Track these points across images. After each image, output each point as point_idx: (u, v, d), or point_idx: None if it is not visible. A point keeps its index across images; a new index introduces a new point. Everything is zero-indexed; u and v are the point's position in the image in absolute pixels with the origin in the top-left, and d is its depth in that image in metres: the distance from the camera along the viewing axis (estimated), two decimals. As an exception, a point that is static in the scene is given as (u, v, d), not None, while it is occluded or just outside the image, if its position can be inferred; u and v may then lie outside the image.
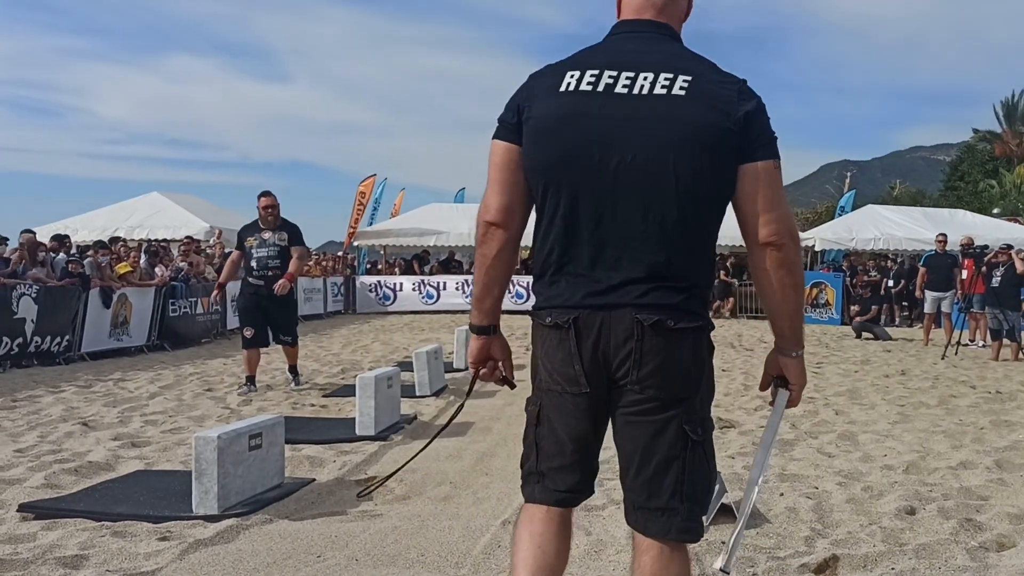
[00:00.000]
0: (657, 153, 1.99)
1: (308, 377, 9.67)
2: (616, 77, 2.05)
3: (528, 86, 2.17)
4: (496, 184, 2.16)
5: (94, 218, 20.47)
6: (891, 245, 21.76)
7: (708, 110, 2.00)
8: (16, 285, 10.43)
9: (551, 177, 2.08)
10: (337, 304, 21.89)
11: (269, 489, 4.60)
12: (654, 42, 2.13)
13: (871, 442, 6.12)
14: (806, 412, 7.30)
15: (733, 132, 2.00)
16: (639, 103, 2.02)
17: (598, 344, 2.05)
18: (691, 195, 2.01)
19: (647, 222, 2.02)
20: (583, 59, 2.13)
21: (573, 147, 2.04)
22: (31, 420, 6.81)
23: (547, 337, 2.15)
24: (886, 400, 8.12)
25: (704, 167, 2.00)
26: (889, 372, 10.38)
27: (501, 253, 2.18)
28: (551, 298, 2.12)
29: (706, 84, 2.03)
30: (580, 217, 2.06)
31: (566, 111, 2.06)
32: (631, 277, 2.03)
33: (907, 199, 45.13)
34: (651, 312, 2.01)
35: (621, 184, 2.02)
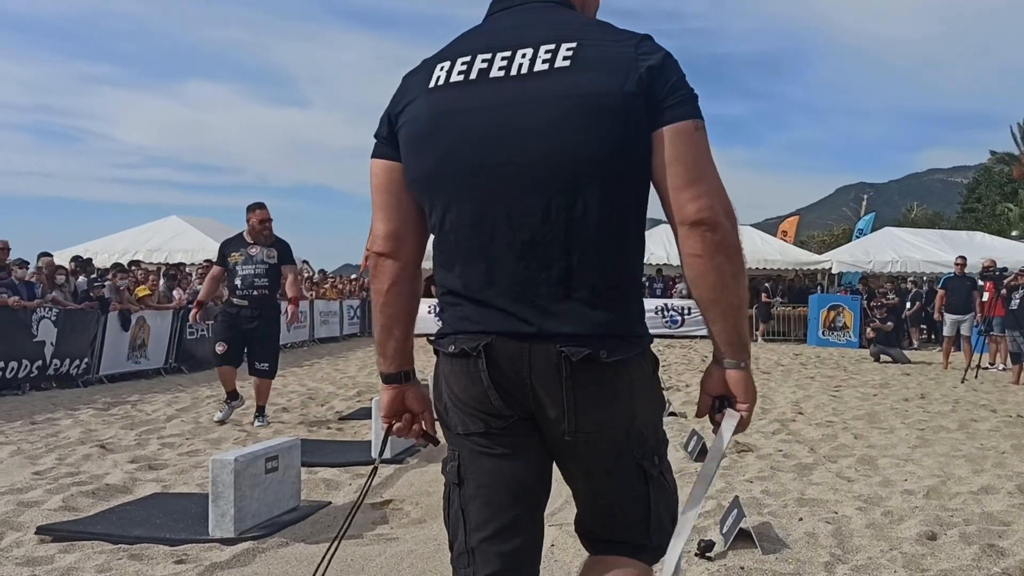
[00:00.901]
0: (551, 138, 1.64)
1: (324, 399, 9.68)
2: (490, 60, 1.72)
3: (399, 90, 1.85)
4: (379, 209, 1.86)
5: (114, 242, 20.68)
6: (909, 268, 21.66)
7: (599, 76, 1.64)
8: (36, 308, 10.51)
9: (432, 189, 1.76)
10: (353, 327, 21.96)
11: (285, 512, 4.60)
12: (536, 12, 1.79)
13: (891, 466, 6.07)
14: (825, 436, 7.25)
15: (634, 95, 1.63)
16: (518, 86, 1.68)
17: (515, 378, 1.70)
18: (597, 182, 1.65)
19: (550, 224, 1.66)
20: (456, 46, 1.81)
21: (449, 150, 1.71)
22: (49, 442, 6.84)
23: (454, 370, 1.77)
24: (906, 424, 8.04)
25: (604, 144, 1.64)
26: (908, 396, 10.29)
27: (395, 287, 1.86)
28: (455, 322, 1.77)
29: (595, 48, 1.67)
30: (471, 230, 1.72)
31: (436, 110, 1.73)
32: (544, 295, 1.67)
33: (924, 221, 44.99)
34: (579, 343, 1.65)
35: (511, 184, 1.67)
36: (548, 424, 1.73)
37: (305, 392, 10.41)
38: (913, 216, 50.14)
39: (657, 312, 21.49)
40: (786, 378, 12.13)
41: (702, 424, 7.69)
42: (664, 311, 21.53)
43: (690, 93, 1.68)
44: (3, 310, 10.07)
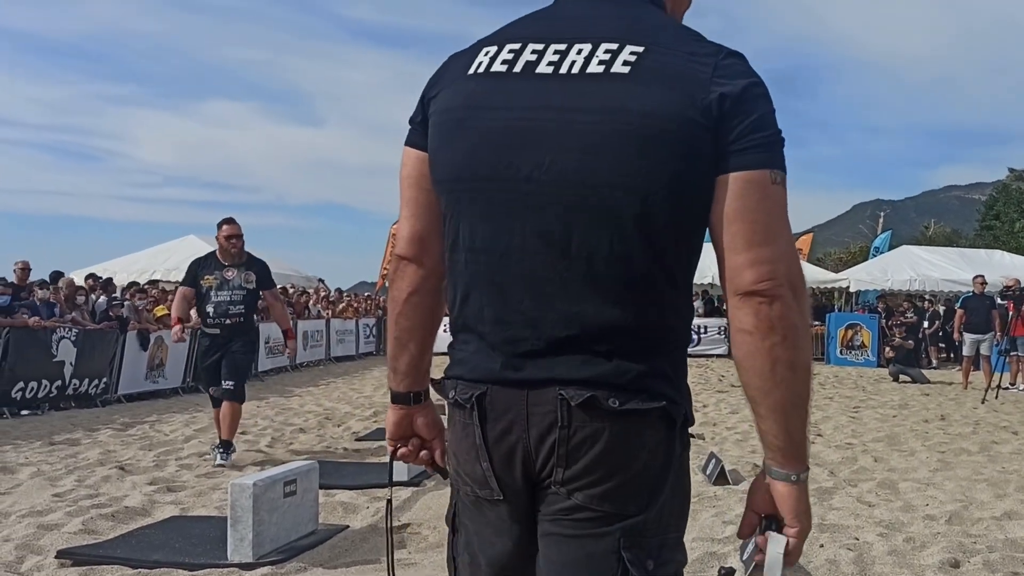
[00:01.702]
0: (584, 157, 1.36)
1: (340, 420, 9.69)
2: (541, 52, 1.44)
3: (440, 70, 1.59)
4: (406, 206, 1.60)
5: (132, 261, 20.82)
6: (927, 286, 21.53)
7: (659, 93, 1.35)
8: (56, 328, 10.59)
9: (451, 194, 1.49)
10: (369, 345, 22.00)
11: (303, 536, 4.60)
12: (610, 6, 1.50)
13: (912, 491, 6.01)
14: (844, 459, 7.19)
15: (701, 126, 1.33)
16: (563, 87, 1.40)
17: (510, 433, 1.42)
18: (635, 220, 1.36)
19: (569, 259, 1.38)
20: (512, 30, 1.54)
21: (475, 151, 1.44)
22: (69, 464, 6.88)
23: (453, 419, 1.53)
24: (926, 446, 7.98)
25: (650, 178, 1.35)
26: (928, 417, 10.20)
27: (414, 296, 1.61)
28: (455, 364, 1.52)
29: (664, 57, 1.38)
30: (483, 250, 1.45)
31: (469, 102, 1.47)
32: (556, 336, 1.39)
33: (942, 239, 44.72)
34: (582, 387, 1.37)
35: (531, 204, 1.40)
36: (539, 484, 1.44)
37: (321, 412, 10.43)
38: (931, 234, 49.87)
39: (673, 331, 21.43)
40: (804, 398, 12.04)
41: (720, 446, 7.66)
42: (680, 330, 21.47)
43: (773, 136, 1.37)
44: (23, 330, 10.16)
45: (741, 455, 7.33)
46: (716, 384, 14.04)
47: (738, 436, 8.41)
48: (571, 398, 1.37)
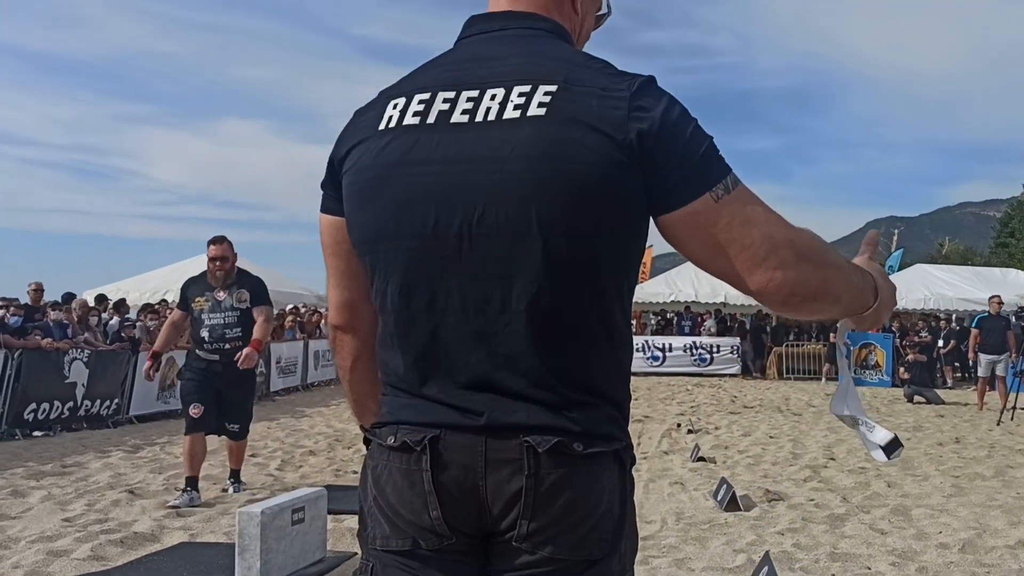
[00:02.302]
0: (513, 208, 1.32)
1: (351, 442, 9.68)
2: (453, 101, 1.40)
3: (347, 129, 1.52)
4: (331, 275, 1.56)
5: (145, 280, 20.93)
6: (941, 305, 21.41)
7: (579, 136, 1.31)
8: (68, 349, 10.64)
9: (374, 256, 1.44)
10: (380, 365, 21.98)
11: (311, 564, 4.58)
12: (515, 42, 1.45)
13: (925, 517, 5.95)
14: (857, 484, 7.13)
15: (625, 165, 1.30)
16: (482, 136, 1.36)
17: (464, 480, 1.35)
18: (574, 264, 1.34)
19: (513, 309, 1.35)
20: (418, 78, 1.48)
21: (396, 212, 1.39)
22: (79, 487, 6.89)
23: (388, 467, 1.42)
24: (940, 471, 7.90)
25: (583, 224, 1.32)
26: (943, 440, 10.11)
27: (359, 363, 1.59)
28: (398, 409, 1.44)
29: (579, 96, 1.33)
30: (419, 308, 1.40)
31: (385, 160, 1.41)
32: (508, 388, 1.36)
33: (956, 256, 44.52)
34: (547, 433, 1.33)
35: (467, 260, 1.36)
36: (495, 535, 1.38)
37: (332, 434, 10.44)
38: (945, 251, 49.61)
39: (686, 350, 21.37)
40: (817, 420, 11.97)
41: (731, 470, 7.61)
42: (692, 349, 21.40)
43: (704, 152, 1.33)
44: (36, 351, 10.21)
45: (752, 480, 7.28)
46: (728, 405, 13.96)
47: (750, 460, 8.35)
48: (538, 444, 1.32)
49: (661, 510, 6.06)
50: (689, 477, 7.35)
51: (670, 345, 21.55)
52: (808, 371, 20.88)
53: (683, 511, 6.02)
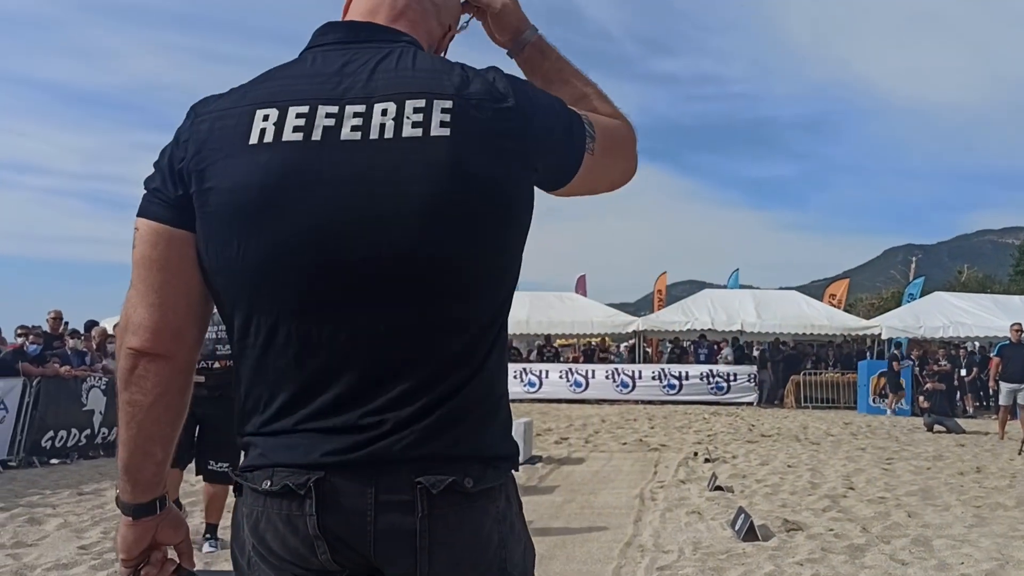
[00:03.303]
0: (422, 232, 1.28)
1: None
2: (338, 116, 1.31)
3: (191, 135, 1.36)
4: (150, 291, 1.35)
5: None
6: (960, 333, 21.24)
7: (489, 156, 1.31)
8: (86, 377, 10.71)
9: (257, 284, 1.31)
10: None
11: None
12: (385, 54, 1.38)
13: (947, 548, 5.86)
14: (877, 514, 7.04)
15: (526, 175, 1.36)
16: (383, 156, 1.29)
17: (357, 518, 1.28)
18: (479, 291, 1.34)
19: (411, 339, 1.30)
20: (279, 87, 1.37)
21: (290, 238, 1.29)
22: (95, 515, 6.90)
23: (268, 513, 1.32)
24: (961, 501, 7.79)
25: (493, 246, 1.33)
26: (964, 469, 9.98)
27: (165, 398, 1.37)
28: (274, 451, 1.32)
29: (476, 111, 1.32)
30: (304, 340, 1.31)
31: (268, 179, 1.29)
32: (396, 417, 1.29)
33: (975, 284, 44.19)
34: (440, 470, 1.28)
35: (371, 288, 1.29)
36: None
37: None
38: (964, 279, 49.27)
39: (702, 378, 21.25)
40: (836, 449, 11.86)
41: (749, 500, 7.54)
42: (709, 377, 21.28)
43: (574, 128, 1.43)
44: (54, 379, 10.28)
45: (771, 510, 7.20)
46: (746, 434, 13.86)
47: (768, 489, 8.27)
48: (431, 486, 1.27)
49: (679, 540, 6.01)
50: (706, 506, 7.28)
51: (686, 373, 21.44)
52: (826, 400, 20.73)
53: (701, 541, 5.96)
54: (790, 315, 22.64)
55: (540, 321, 23.48)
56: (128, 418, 1.37)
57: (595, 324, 23.83)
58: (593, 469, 9.90)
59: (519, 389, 21.44)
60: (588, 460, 10.65)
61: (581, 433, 13.91)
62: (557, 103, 1.44)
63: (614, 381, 21.60)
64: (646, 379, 21.49)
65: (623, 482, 8.87)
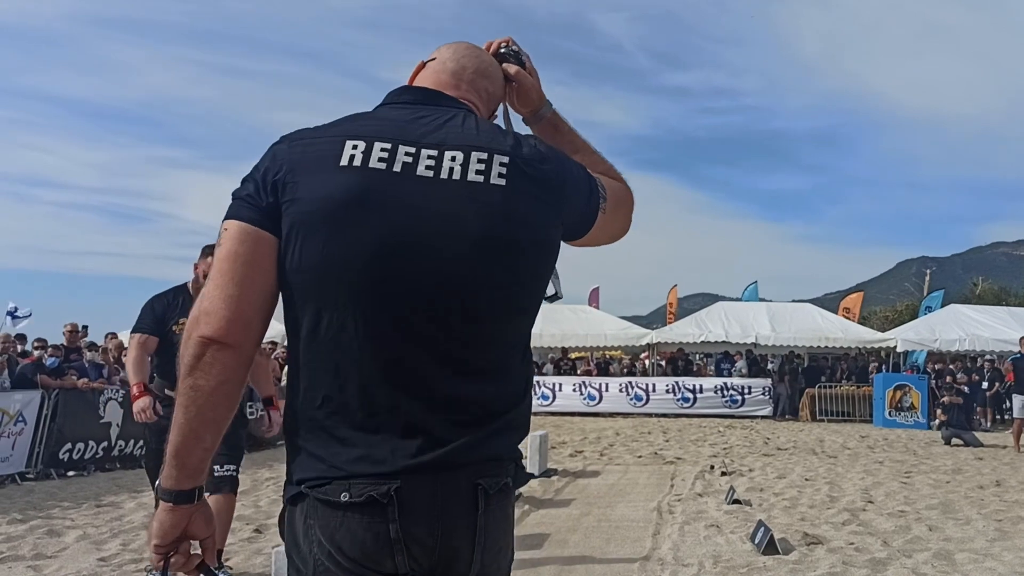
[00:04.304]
0: (479, 261, 1.52)
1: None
2: (415, 155, 1.55)
3: (285, 155, 1.57)
4: (234, 284, 1.49)
5: (178, 321, 21.09)
6: (976, 346, 21.09)
7: (534, 205, 1.58)
8: (104, 389, 10.75)
9: (337, 284, 1.49)
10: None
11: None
12: (448, 112, 1.67)
13: (969, 562, 5.81)
14: (898, 527, 6.99)
15: (559, 226, 1.65)
16: (452, 192, 1.53)
17: (428, 518, 1.47)
18: (521, 315, 1.61)
19: (470, 346, 1.53)
20: (364, 126, 1.60)
21: (377, 246, 1.49)
22: (114, 527, 6.91)
23: (347, 523, 1.46)
24: (982, 514, 7.72)
25: (534, 279, 1.61)
26: (983, 483, 9.90)
27: (226, 385, 1.49)
28: (349, 461, 1.47)
29: (526, 169, 1.59)
30: (383, 342, 1.49)
31: (356, 194, 1.50)
32: (461, 420, 1.51)
33: (991, 296, 43.93)
34: (494, 473, 1.53)
35: (437, 297, 1.50)
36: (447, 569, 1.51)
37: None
38: (979, 291, 48.98)
39: (717, 391, 21.17)
40: (853, 463, 11.78)
41: (768, 513, 7.49)
42: (724, 390, 21.19)
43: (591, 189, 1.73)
44: (72, 392, 10.32)
45: (790, 523, 7.16)
46: (762, 447, 13.79)
47: (786, 503, 8.22)
48: (489, 487, 1.52)
49: (698, 553, 5.97)
50: (725, 520, 7.24)
51: (701, 386, 21.37)
52: (842, 412, 20.60)
53: (720, 554, 5.92)
54: (805, 328, 22.53)
55: (553, 334, 23.44)
56: (188, 402, 1.48)
57: (608, 337, 23.78)
58: (609, 482, 9.86)
59: (532, 401, 21.35)
60: (604, 473, 10.62)
61: (596, 446, 13.87)
62: (582, 169, 1.74)
63: (628, 394, 21.54)
64: (660, 392, 21.42)
65: (640, 495, 8.83)
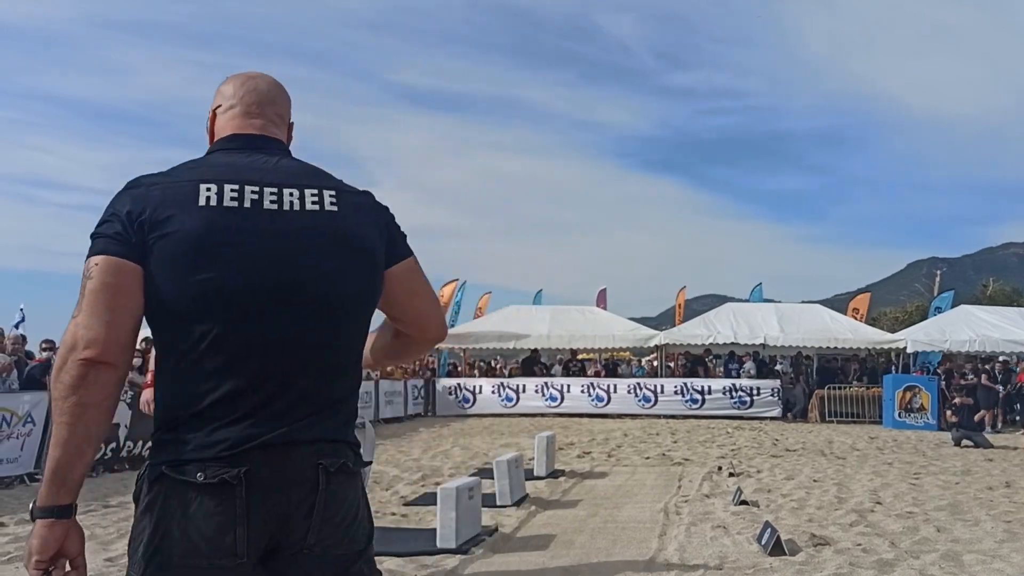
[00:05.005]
0: (325, 275, 1.84)
1: (388, 484, 9.66)
2: (260, 192, 1.85)
3: (146, 197, 1.80)
4: (107, 311, 1.70)
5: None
6: (987, 347, 20.98)
7: (363, 227, 1.93)
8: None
9: (202, 305, 1.74)
10: (417, 406, 22.02)
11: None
12: (271, 156, 1.97)
13: (977, 563, 5.78)
14: (906, 528, 6.96)
15: (382, 243, 1.97)
16: (296, 220, 1.85)
17: (271, 501, 1.72)
18: (359, 317, 1.93)
19: (316, 347, 1.83)
20: (211, 171, 1.88)
21: (232, 272, 1.76)
22: (122, 527, 6.93)
23: (192, 501, 1.68)
24: (991, 515, 7.68)
25: (369, 286, 1.93)
26: (993, 484, 9.85)
27: (108, 400, 1.70)
28: (207, 447, 1.70)
29: (350, 199, 1.95)
30: (246, 349, 1.76)
31: (213, 230, 1.77)
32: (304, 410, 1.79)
33: (1002, 297, 43.72)
34: (333, 455, 1.80)
35: (294, 311, 1.80)
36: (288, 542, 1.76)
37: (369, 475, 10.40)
38: (990, 292, 48.75)
39: (725, 392, 21.12)
40: (862, 464, 11.74)
41: (775, 514, 7.47)
42: (732, 392, 21.14)
43: (405, 236, 2.08)
44: (81, 393, 10.34)
45: (797, 524, 7.14)
46: (770, 448, 13.75)
47: (794, 504, 8.19)
48: (329, 465, 1.79)
49: (704, 554, 5.96)
50: (732, 521, 7.22)
51: (709, 388, 21.33)
52: (851, 414, 20.52)
53: (727, 555, 5.91)
54: (814, 329, 22.45)
55: (561, 335, 23.42)
56: (74, 419, 1.65)
57: (617, 338, 23.75)
58: (616, 483, 9.85)
59: (540, 403, 21.40)
60: (611, 474, 10.61)
61: (603, 447, 13.85)
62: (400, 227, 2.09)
63: (636, 395, 21.51)
64: (668, 393, 21.39)
65: (647, 496, 8.82)
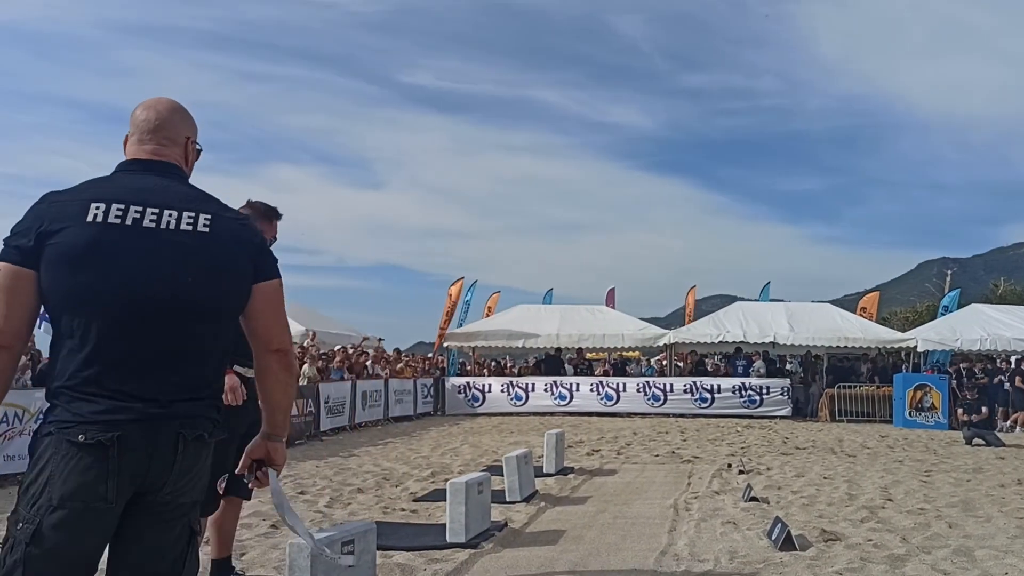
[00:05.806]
0: (189, 286, 2.30)
1: (398, 480, 9.66)
2: (142, 212, 2.30)
3: (46, 212, 2.28)
4: (6, 306, 2.23)
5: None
6: (998, 346, 20.89)
7: (230, 245, 2.39)
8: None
9: (85, 303, 2.23)
10: (427, 405, 22.03)
11: (360, 598, 4.54)
12: (165, 179, 2.43)
13: (990, 559, 5.74)
14: (917, 524, 6.92)
15: (249, 262, 2.43)
16: (169, 238, 2.31)
17: (137, 460, 2.23)
18: (216, 316, 2.39)
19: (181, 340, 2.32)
20: (104, 192, 2.32)
21: (109, 277, 2.23)
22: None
23: (75, 456, 2.18)
24: (1003, 512, 7.64)
25: (231, 298, 2.41)
26: (1005, 481, 9.79)
27: (4, 375, 2.28)
28: (89, 414, 2.20)
29: (224, 223, 2.41)
30: (115, 341, 2.24)
31: (97, 242, 2.23)
32: (168, 390, 2.28)
33: (1013, 297, 43.49)
34: (191, 427, 2.32)
35: (162, 312, 2.28)
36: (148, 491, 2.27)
37: (379, 472, 10.42)
38: (1000, 291, 48.49)
39: (735, 391, 21.07)
40: (873, 461, 11.69)
41: (785, 511, 7.44)
42: (742, 390, 21.09)
43: (276, 261, 2.55)
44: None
45: (808, 520, 7.11)
46: (780, 446, 13.70)
47: (804, 500, 8.16)
48: (187, 435, 2.31)
49: (714, 549, 5.94)
50: (742, 517, 7.19)
51: (719, 387, 21.28)
52: (861, 413, 20.44)
53: (737, 550, 5.89)
54: (824, 328, 22.36)
55: (571, 335, 23.40)
56: None
57: (626, 338, 23.71)
58: (626, 480, 9.83)
59: (550, 402, 21.38)
60: (620, 471, 10.59)
61: (613, 445, 13.83)
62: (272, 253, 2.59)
63: (645, 394, 21.48)
64: (677, 392, 21.35)
65: (656, 493, 8.80)
